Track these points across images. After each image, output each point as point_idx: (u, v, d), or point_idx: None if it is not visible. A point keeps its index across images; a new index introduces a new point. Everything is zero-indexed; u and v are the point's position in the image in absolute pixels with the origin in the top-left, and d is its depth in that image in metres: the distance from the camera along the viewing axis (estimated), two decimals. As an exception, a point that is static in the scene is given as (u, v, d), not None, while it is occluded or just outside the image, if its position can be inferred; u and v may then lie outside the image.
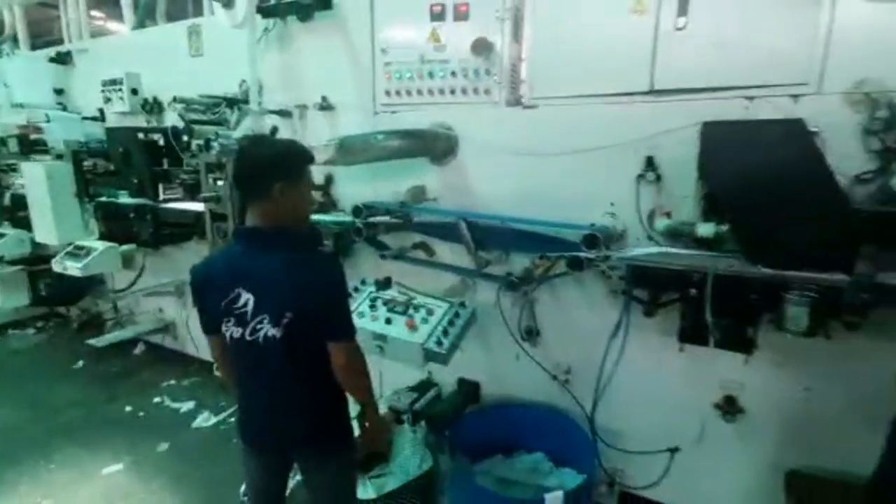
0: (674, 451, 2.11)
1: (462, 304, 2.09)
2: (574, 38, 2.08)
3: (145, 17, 3.86)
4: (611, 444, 2.26)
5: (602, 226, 2.03)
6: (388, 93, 2.51)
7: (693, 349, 1.85)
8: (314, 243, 1.60)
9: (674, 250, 1.90)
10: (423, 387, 2.54)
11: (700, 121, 1.78)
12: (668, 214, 2.00)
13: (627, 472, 2.29)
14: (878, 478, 1.35)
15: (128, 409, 3.37)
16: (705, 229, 1.81)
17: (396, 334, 1.96)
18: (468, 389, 2.56)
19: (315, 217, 2.46)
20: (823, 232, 1.53)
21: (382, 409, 2.37)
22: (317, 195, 2.72)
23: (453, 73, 2.35)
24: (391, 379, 2.65)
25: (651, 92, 1.97)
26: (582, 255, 1.89)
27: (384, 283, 2.24)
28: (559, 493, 1.84)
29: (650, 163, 1.99)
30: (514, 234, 2.17)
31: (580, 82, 2.10)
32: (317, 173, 2.67)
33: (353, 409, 1.68)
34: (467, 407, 2.52)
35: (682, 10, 1.86)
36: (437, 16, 2.33)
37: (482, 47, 2.25)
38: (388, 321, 2.02)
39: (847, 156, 1.71)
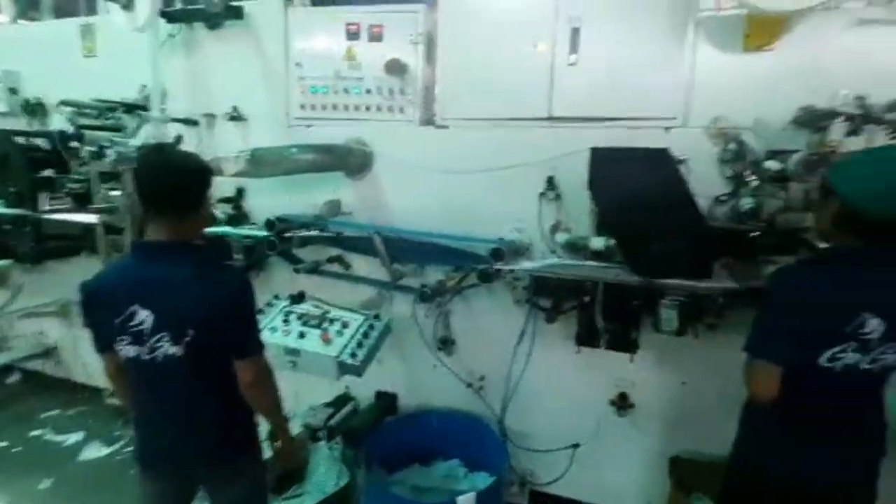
0: (575, 446, 2.30)
1: (377, 316, 2.13)
2: (482, 66, 2.23)
3: (27, 8, 3.51)
4: (520, 446, 2.40)
5: (509, 240, 2.19)
6: (302, 106, 2.51)
7: (588, 351, 2.04)
8: (220, 257, 1.56)
9: (571, 262, 2.10)
10: (340, 402, 2.53)
11: (591, 146, 2.00)
12: (568, 229, 2.20)
13: (536, 470, 2.45)
14: (732, 457, 1.58)
15: (1, 444, 2.98)
16: (597, 243, 2.02)
17: (310, 348, 1.95)
18: (385, 401, 2.58)
19: (224, 230, 2.38)
20: (686, 245, 1.78)
21: (297, 427, 2.33)
22: (227, 208, 2.64)
23: (368, 91, 2.41)
24: (307, 396, 2.61)
25: (550, 118, 2.18)
26: (489, 267, 2.01)
27: (298, 298, 2.22)
28: (471, 495, 1.92)
29: (551, 182, 2.18)
30: (428, 247, 2.26)
31: (488, 106, 2.26)
32: (228, 185, 2.59)
33: (264, 429, 1.65)
34: (385, 419, 2.54)
35: (574, 48, 2.08)
36: (353, 35, 2.38)
37: (396, 68, 2.34)
38: (302, 335, 2.00)
39: (708, 180, 2.01)
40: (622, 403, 2.25)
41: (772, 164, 1.83)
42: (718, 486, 1.64)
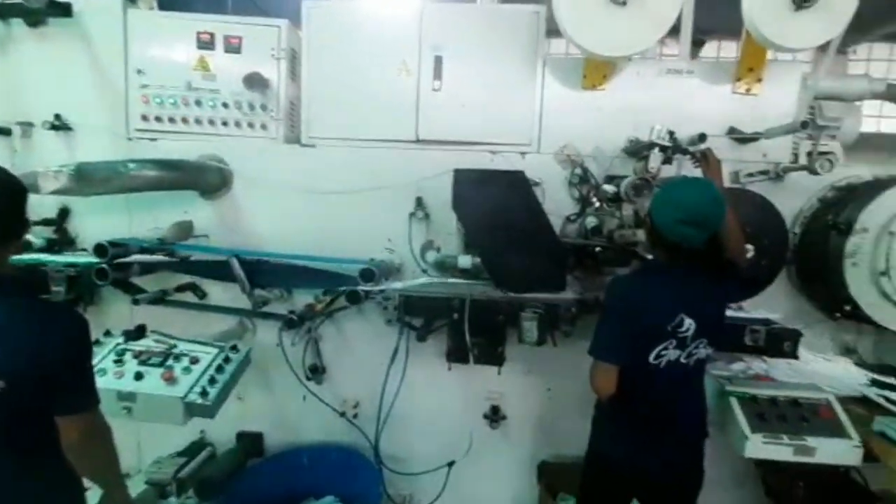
0: (451, 464, 2.29)
1: (234, 348, 1.93)
2: (349, 86, 2.22)
3: None
4: (397, 471, 2.33)
5: (380, 260, 2.16)
6: (145, 117, 2.24)
7: (459, 368, 2.07)
8: (34, 290, 1.29)
9: (440, 280, 2.14)
10: (194, 449, 2.23)
11: (455, 168, 2.08)
12: (438, 249, 2.25)
13: (415, 494, 2.39)
14: (586, 453, 1.71)
15: None
16: (464, 261, 2.09)
17: (149, 390, 1.68)
18: (249, 442, 2.34)
19: (38, 258, 2.01)
20: (542, 261, 1.92)
21: (138, 486, 2.00)
22: (46, 231, 2.23)
23: (225, 105, 2.24)
24: (152, 447, 2.27)
25: (418, 141, 2.23)
26: (358, 288, 1.96)
27: (136, 333, 1.92)
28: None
29: (420, 203, 2.22)
30: (295, 270, 2.14)
31: (357, 127, 2.24)
32: (48, 205, 2.21)
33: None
34: (248, 462, 2.30)
35: (437, 74, 2.17)
36: (206, 44, 2.21)
37: (256, 82, 2.21)
38: (139, 376, 1.72)
39: (561, 201, 2.21)
40: (495, 416, 2.32)
41: (608, 188, 2.08)
42: (580, 484, 1.76)
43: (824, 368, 2.04)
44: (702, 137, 1.93)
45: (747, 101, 2.18)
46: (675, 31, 2.86)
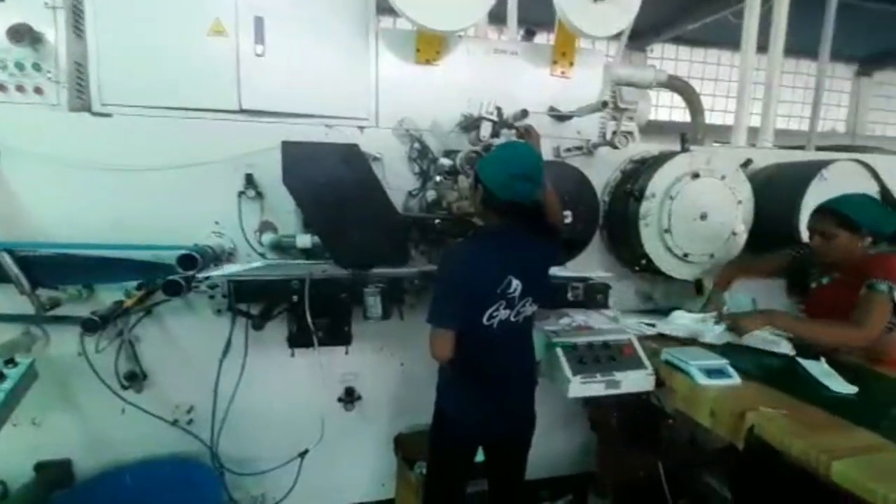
0: (303, 454, 2.19)
1: (10, 362, 1.56)
2: (152, 46, 1.91)
3: None
4: (243, 472, 2.15)
5: (205, 245, 1.93)
6: None
7: (305, 352, 1.98)
8: None
9: (278, 263, 2.00)
10: (-31, 494, 1.79)
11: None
12: (276, 230, 2.09)
13: (267, 493, 2.25)
14: (433, 417, 1.77)
15: None
16: (303, 241, 1.98)
17: None
18: (52, 473, 1.96)
19: None
20: (383, 235, 1.91)
21: None
22: None
23: (-20, 62, 1.78)
24: None
25: (242, 111, 2.02)
26: (178, 277, 1.72)
27: None
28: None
29: (250, 180, 2.03)
30: (92, 262, 1.80)
31: (166, 94, 1.95)
32: None
33: None
34: (52, 496, 1.92)
35: (259, 38, 1.98)
36: (-62, -20, 1.71)
37: (24, 35, 1.79)
38: None
39: (403, 176, 2.21)
40: (349, 398, 2.27)
41: (445, 161, 2.13)
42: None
43: (631, 317, 2.39)
44: (524, 113, 2.08)
45: (563, 83, 2.40)
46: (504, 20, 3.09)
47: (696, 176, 2.33)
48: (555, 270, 2.07)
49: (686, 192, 2.31)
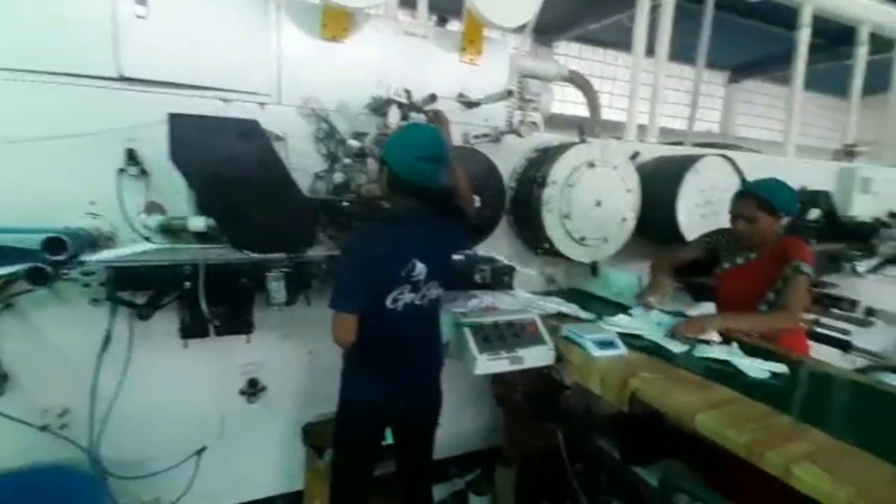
0: (200, 452, 2.06)
1: None
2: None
3: None
4: (130, 476, 1.97)
5: (77, 228, 1.72)
6: None
7: (200, 343, 1.84)
8: None
9: (167, 247, 1.83)
10: None
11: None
12: (163, 211, 1.92)
13: (163, 495, 2.08)
14: (338, 403, 1.74)
15: None
16: (196, 223, 1.83)
17: None
18: None
19: None
20: (287, 218, 1.83)
21: None
22: None
23: None
24: None
25: (122, 79, 1.81)
26: (44, 263, 1.52)
27: None
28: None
29: (132, 156, 1.83)
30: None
31: (29, 55, 1.69)
32: None
33: None
34: None
35: (140, -2, 1.79)
36: None
37: None
38: None
39: (308, 157, 2.13)
40: (253, 390, 2.16)
41: (353, 143, 2.09)
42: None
43: (535, 297, 2.53)
44: (433, 97, 2.10)
45: (472, 71, 2.45)
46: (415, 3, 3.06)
47: (592, 165, 2.51)
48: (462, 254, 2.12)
49: (583, 181, 2.48)
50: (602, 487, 2.54)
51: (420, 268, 1.59)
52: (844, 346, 2.92)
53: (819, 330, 3.06)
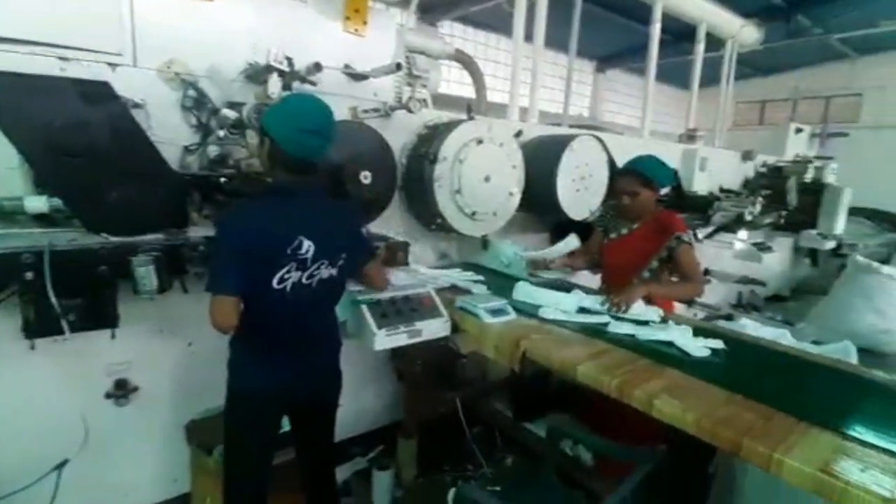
0: (61, 465, 1.79)
1: None
2: None
3: None
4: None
5: None
6: None
7: (50, 343, 1.58)
8: None
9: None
10: None
11: None
12: (-11, 191, 1.59)
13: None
14: (227, 393, 1.63)
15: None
16: (35, 204, 1.56)
17: None
18: None
19: None
20: (152, 195, 1.63)
21: None
22: None
23: None
24: None
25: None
26: None
27: None
28: None
29: (-65, 122, 1.48)
30: None
31: None
32: None
33: None
34: None
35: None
36: None
37: None
38: None
39: (175, 128, 1.91)
40: (122, 391, 1.92)
41: (229, 113, 1.91)
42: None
43: (430, 272, 2.58)
44: (318, 66, 2.00)
45: (358, 42, 2.37)
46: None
47: (480, 142, 2.59)
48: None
49: (472, 157, 2.56)
50: (498, 446, 2.73)
51: (307, 245, 1.49)
52: (688, 302, 3.45)
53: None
